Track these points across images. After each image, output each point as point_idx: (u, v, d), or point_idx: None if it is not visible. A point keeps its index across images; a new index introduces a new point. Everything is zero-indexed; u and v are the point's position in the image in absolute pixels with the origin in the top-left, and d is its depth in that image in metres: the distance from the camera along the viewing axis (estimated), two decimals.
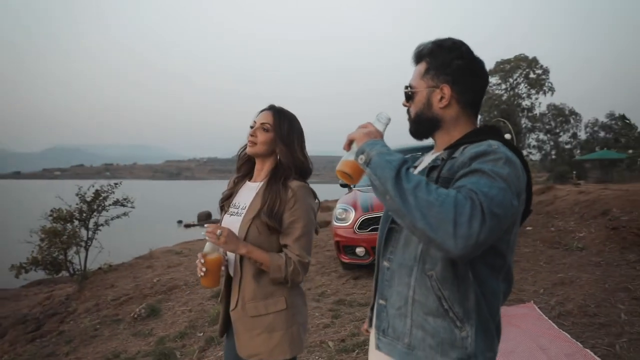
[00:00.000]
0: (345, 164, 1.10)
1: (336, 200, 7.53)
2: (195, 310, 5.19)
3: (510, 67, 40.00)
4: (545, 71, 39.10)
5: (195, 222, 22.77)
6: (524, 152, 26.21)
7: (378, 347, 1.16)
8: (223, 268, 1.66)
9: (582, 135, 41.90)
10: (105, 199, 7.79)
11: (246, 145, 1.75)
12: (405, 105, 1.24)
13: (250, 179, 1.80)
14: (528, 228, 6.80)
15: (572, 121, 41.41)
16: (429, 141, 1.29)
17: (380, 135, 1.09)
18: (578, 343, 2.92)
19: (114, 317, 5.49)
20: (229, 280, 1.72)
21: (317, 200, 1.73)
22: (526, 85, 39.82)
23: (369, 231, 5.39)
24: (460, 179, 0.96)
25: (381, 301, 1.18)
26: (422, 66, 1.20)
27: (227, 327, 1.79)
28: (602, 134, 42.38)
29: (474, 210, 0.84)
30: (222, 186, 1.97)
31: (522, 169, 1.00)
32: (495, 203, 0.87)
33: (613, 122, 41.80)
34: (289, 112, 1.73)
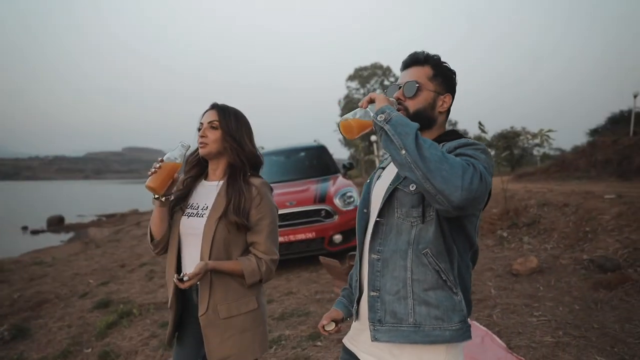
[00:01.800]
0: (354, 120, 1.21)
1: None
2: (76, 325, 4.66)
3: (368, 73, 43.52)
4: (397, 79, 43.45)
5: (45, 228, 19.73)
6: (375, 152, 28.66)
7: (375, 338, 1.23)
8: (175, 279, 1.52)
9: None
10: None
11: (196, 150, 1.72)
12: (399, 99, 1.31)
13: (205, 178, 1.76)
14: None
15: None
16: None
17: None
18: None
19: None
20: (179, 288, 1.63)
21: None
22: (382, 91, 43.66)
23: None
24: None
25: (373, 293, 1.26)
26: (428, 70, 1.32)
27: (174, 334, 1.74)
28: None
29: (475, 172, 1.03)
30: (71, 187, 1.83)
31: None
32: (487, 172, 1.09)
33: (451, 126, 48.42)
34: (232, 107, 1.72)
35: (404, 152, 1.06)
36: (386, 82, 43.10)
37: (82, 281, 6.40)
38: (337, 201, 5.60)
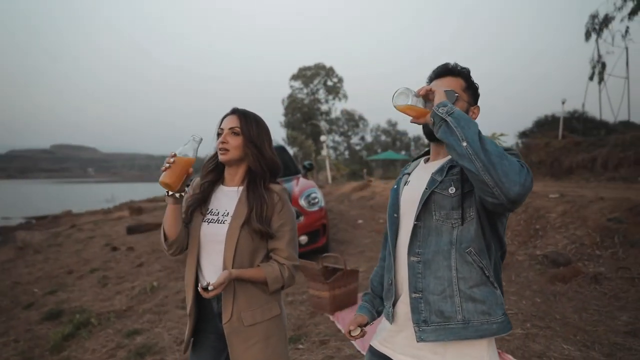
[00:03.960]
0: (412, 108, 1.25)
1: (150, 200, 7.15)
2: (24, 339, 4.31)
3: (311, 73, 43.77)
4: (340, 80, 44.11)
5: None
6: (324, 153, 28.87)
7: (421, 339, 1.27)
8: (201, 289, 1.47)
9: (369, 138, 48.82)
10: None
11: (214, 155, 1.68)
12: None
13: (222, 183, 1.72)
14: (359, 221, 7.77)
15: (361, 125, 47.82)
16: None
17: None
18: None
19: None
20: (200, 295, 1.59)
21: None
22: (325, 91, 44.15)
23: None
24: None
25: (415, 294, 1.29)
26: (461, 82, 1.38)
27: (192, 341, 1.70)
28: (383, 137, 50.19)
29: (528, 173, 1.12)
30: None
31: None
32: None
33: (391, 127, 50.02)
34: (252, 112, 1.70)
35: (465, 143, 1.10)
36: (329, 83, 43.54)
37: (25, 291, 5.92)
38: (302, 202, 5.60)
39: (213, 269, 1.58)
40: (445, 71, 1.39)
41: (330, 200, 10.40)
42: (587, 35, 16.93)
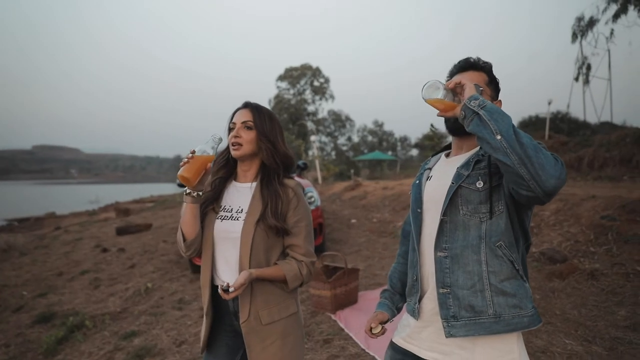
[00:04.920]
0: (442, 101, 1.23)
1: (136, 201, 7.07)
2: (16, 343, 4.21)
3: (298, 74, 43.66)
4: (327, 80, 44.11)
5: None
6: (311, 153, 28.77)
7: (451, 334, 1.25)
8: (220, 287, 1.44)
9: (355, 138, 48.90)
10: None
11: (225, 151, 1.65)
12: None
13: (235, 179, 1.68)
14: (353, 221, 7.76)
15: (347, 126, 47.86)
16: None
17: None
18: None
19: None
20: (216, 293, 1.58)
21: None
22: (311, 91, 44.10)
23: None
24: None
25: (443, 290, 1.28)
26: (484, 76, 1.38)
27: (208, 342, 1.66)
28: (370, 138, 50.35)
29: (563, 166, 1.11)
30: None
31: None
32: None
33: (378, 128, 50.22)
34: (264, 106, 1.66)
35: (499, 137, 1.09)
36: (316, 83, 43.50)
37: (14, 294, 5.77)
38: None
39: (227, 267, 1.55)
40: (468, 65, 1.39)
41: (322, 200, 10.36)
42: (573, 37, 17.19)
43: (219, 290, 1.39)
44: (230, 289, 1.37)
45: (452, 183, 1.30)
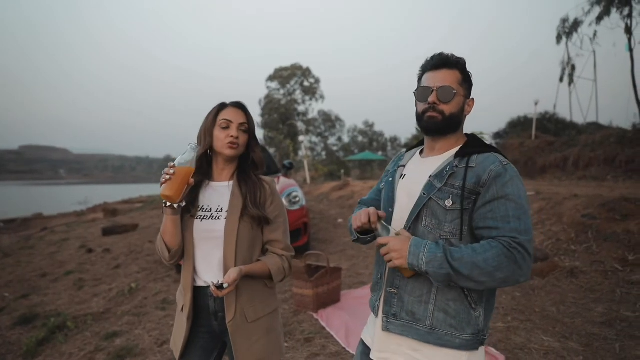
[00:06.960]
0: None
1: (125, 202, 7.03)
2: None
3: (288, 74, 43.58)
4: (317, 80, 44.09)
5: None
6: (301, 153, 28.81)
7: (387, 329, 1.30)
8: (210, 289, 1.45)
9: (346, 138, 48.96)
10: None
11: (202, 154, 1.62)
12: (434, 103, 1.30)
13: (210, 179, 1.66)
14: (339, 220, 7.76)
15: (337, 126, 47.91)
16: None
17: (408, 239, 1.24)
18: None
19: None
20: (198, 296, 1.57)
21: None
22: (301, 92, 44.06)
23: None
24: (491, 210, 1.19)
25: (391, 289, 1.32)
26: (457, 75, 1.31)
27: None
28: (360, 138, 50.44)
29: (522, 253, 1.13)
30: None
31: None
32: (528, 232, 1.16)
33: (368, 128, 50.35)
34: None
35: (461, 283, 1.18)
36: (306, 83, 43.47)
37: None
38: (283, 201, 5.59)
39: (208, 267, 1.54)
40: (442, 63, 1.32)
41: (309, 200, 10.38)
42: (558, 39, 17.38)
43: (212, 288, 1.38)
44: (225, 285, 1.37)
45: (423, 194, 1.28)
